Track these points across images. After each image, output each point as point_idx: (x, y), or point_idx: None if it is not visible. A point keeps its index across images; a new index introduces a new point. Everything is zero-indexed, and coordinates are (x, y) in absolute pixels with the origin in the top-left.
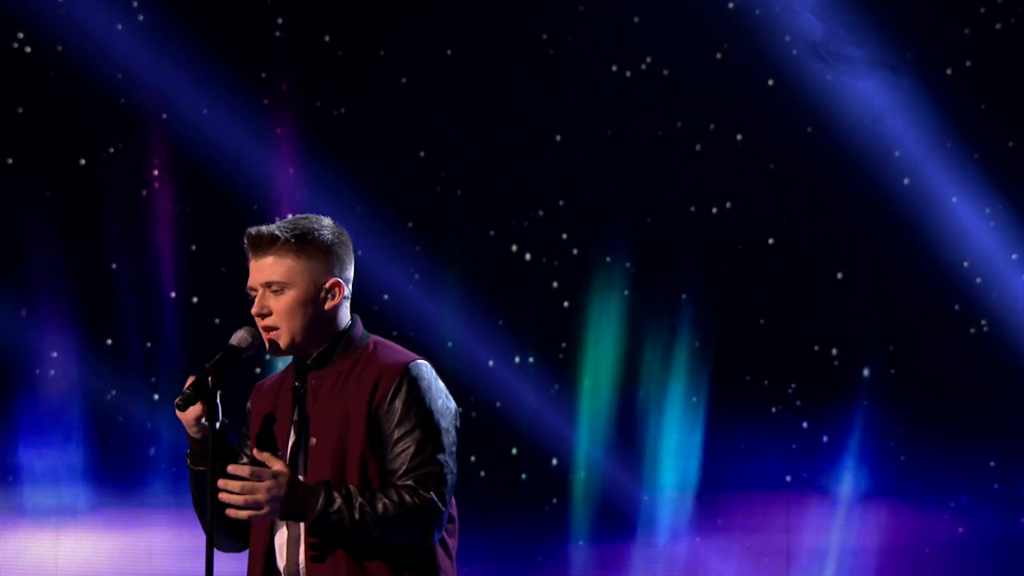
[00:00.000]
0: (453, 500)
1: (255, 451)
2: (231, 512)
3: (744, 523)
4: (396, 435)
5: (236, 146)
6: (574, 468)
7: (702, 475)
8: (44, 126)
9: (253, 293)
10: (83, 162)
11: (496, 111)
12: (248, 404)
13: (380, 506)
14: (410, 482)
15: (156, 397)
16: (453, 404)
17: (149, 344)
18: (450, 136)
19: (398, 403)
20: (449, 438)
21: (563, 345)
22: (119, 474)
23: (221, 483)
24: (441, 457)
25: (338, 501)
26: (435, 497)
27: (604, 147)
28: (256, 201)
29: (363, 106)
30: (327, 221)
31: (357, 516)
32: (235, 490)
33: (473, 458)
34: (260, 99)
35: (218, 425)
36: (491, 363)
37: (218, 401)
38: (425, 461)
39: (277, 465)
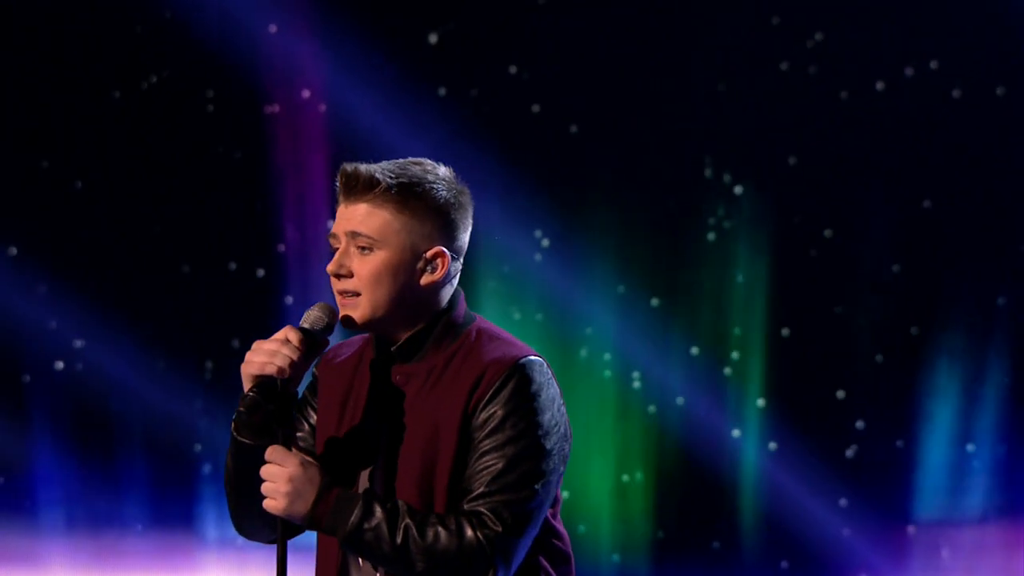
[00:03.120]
0: (559, 519)
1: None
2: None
3: None
4: (483, 448)
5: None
6: None
7: None
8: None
9: (335, 244)
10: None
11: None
12: (314, 368)
13: (431, 534)
14: (481, 508)
15: (211, 397)
16: (566, 419)
17: (200, 329)
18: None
19: (496, 408)
20: (550, 463)
21: (736, 331)
22: (163, 496)
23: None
24: (533, 485)
25: (378, 516)
26: (506, 534)
27: None
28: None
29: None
30: (445, 172)
31: (399, 540)
32: (263, 476)
33: None
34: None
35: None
36: (634, 374)
37: (289, 400)
38: (509, 486)
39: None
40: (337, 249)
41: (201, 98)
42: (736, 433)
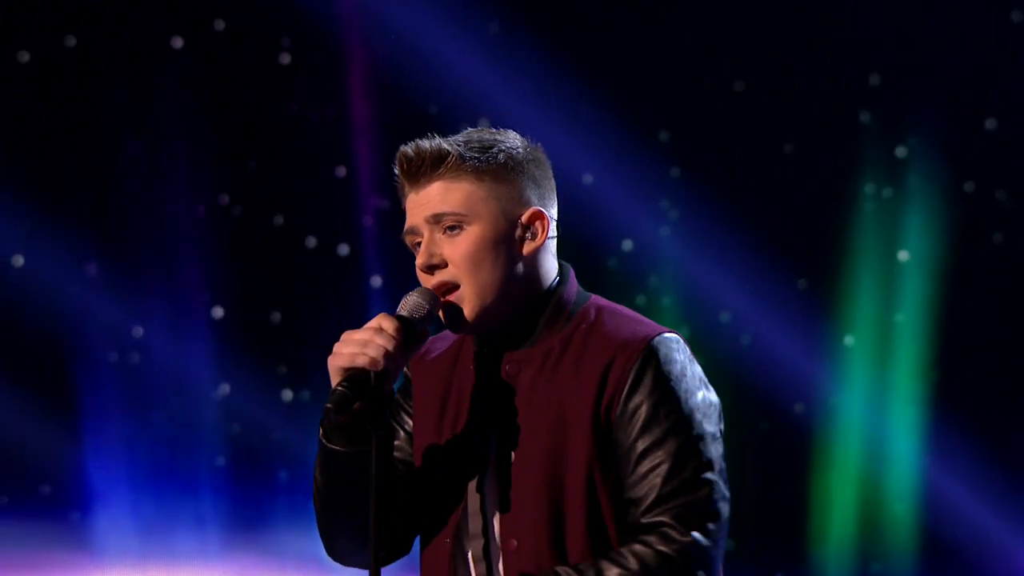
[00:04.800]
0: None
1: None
2: None
3: None
4: (640, 447)
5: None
6: None
7: None
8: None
9: (416, 240)
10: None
11: None
12: (406, 369)
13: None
14: (662, 519)
15: (289, 395)
16: (716, 397)
17: (278, 315)
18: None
19: (640, 399)
20: (718, 448)
21: (898, 317)
22: (235, 507)
23: None
24: (709, 476)
25: None
26: (703, 539)
27: None
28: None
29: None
30: (513, 134)
31: None
32: None
33: None
34: None
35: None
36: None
37: (384, 399)
38: (686, 485)
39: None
40: (419, 244)
41: (274, 48)
42: (897, 436)
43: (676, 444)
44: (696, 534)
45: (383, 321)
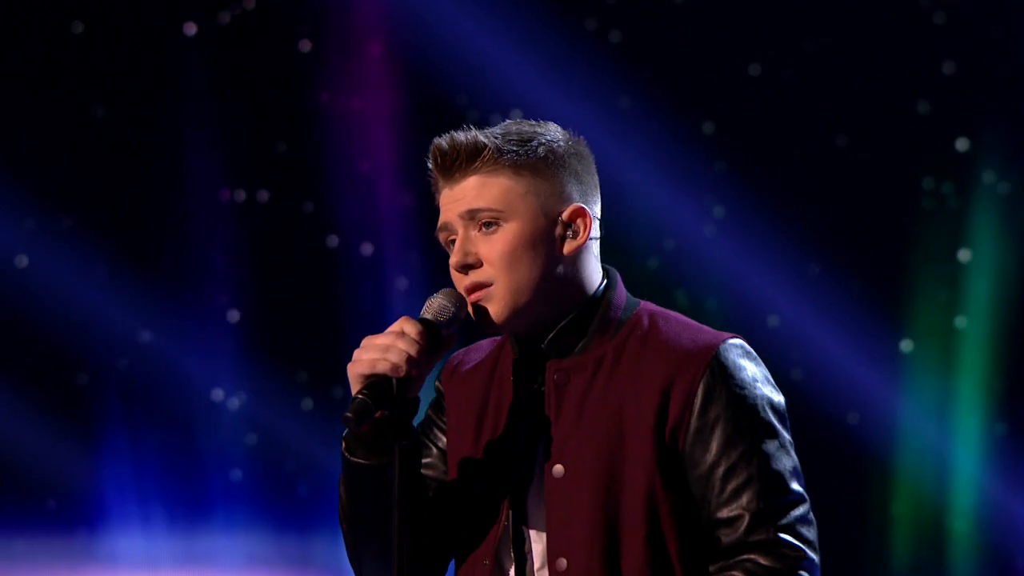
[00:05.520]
0: None
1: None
2: None
3: None
4: (725, 464)
5: None
6: None
7: None
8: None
9: (450, 238)
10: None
11: None
12: (437, 382)
13: None
14: (771, 536)
15: (309, 404)
16: (782, 396)
17: (296, 319)
18: None
19: (716, 413)
20: (795, 454)
21: (959, 322)
22: (251, 522)
23: None
24: (799, 487)
25: None
26: (811, 552)
27: None
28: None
29: None
30: (554, 126)
31: None
32: None
33: None
34: None
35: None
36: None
37: (408, 408)
38: (783, 500)
39: None
40: (453, 241)
41: (292, 33)
42: (959, 450)
43: (763, 457)
44: (804, 548)
45: (405, 325)
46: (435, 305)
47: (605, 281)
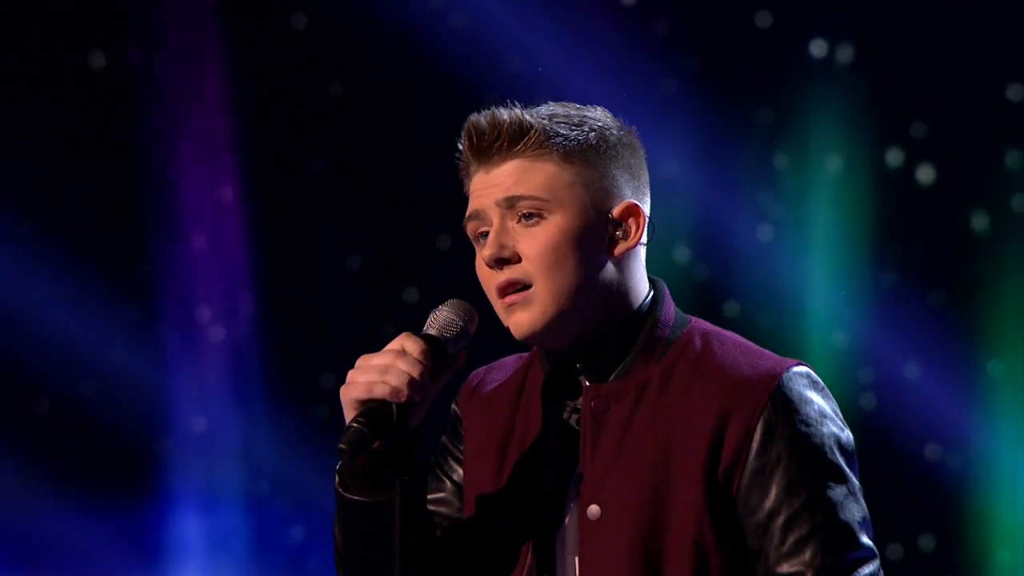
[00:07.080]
0: None
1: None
2: None
3: None
4: (786, 512)
5: None
6: None
7: None
8: None
9: (480, 229)
10: None
11: None
12: (455, 406)
13: None
14: None
15: (325, 414)
16: (851, 435)
17: (289, 336)
18: None
19: (776, 454)
20: (864, 502)
21: None
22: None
23: None
24: (868, 541)
25: None
26: None
27: None
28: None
29: None
30: (603, 111)
31: None
32: None
33: None
34: None
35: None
36: (903, 400)
37: (410, 437)
38: (849, 553)
39: None
40: (485, 233)
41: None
42: None
43: (830, 506)
44: None
45: (406, 342)
46: (440, 319)
47: (652, 293)
